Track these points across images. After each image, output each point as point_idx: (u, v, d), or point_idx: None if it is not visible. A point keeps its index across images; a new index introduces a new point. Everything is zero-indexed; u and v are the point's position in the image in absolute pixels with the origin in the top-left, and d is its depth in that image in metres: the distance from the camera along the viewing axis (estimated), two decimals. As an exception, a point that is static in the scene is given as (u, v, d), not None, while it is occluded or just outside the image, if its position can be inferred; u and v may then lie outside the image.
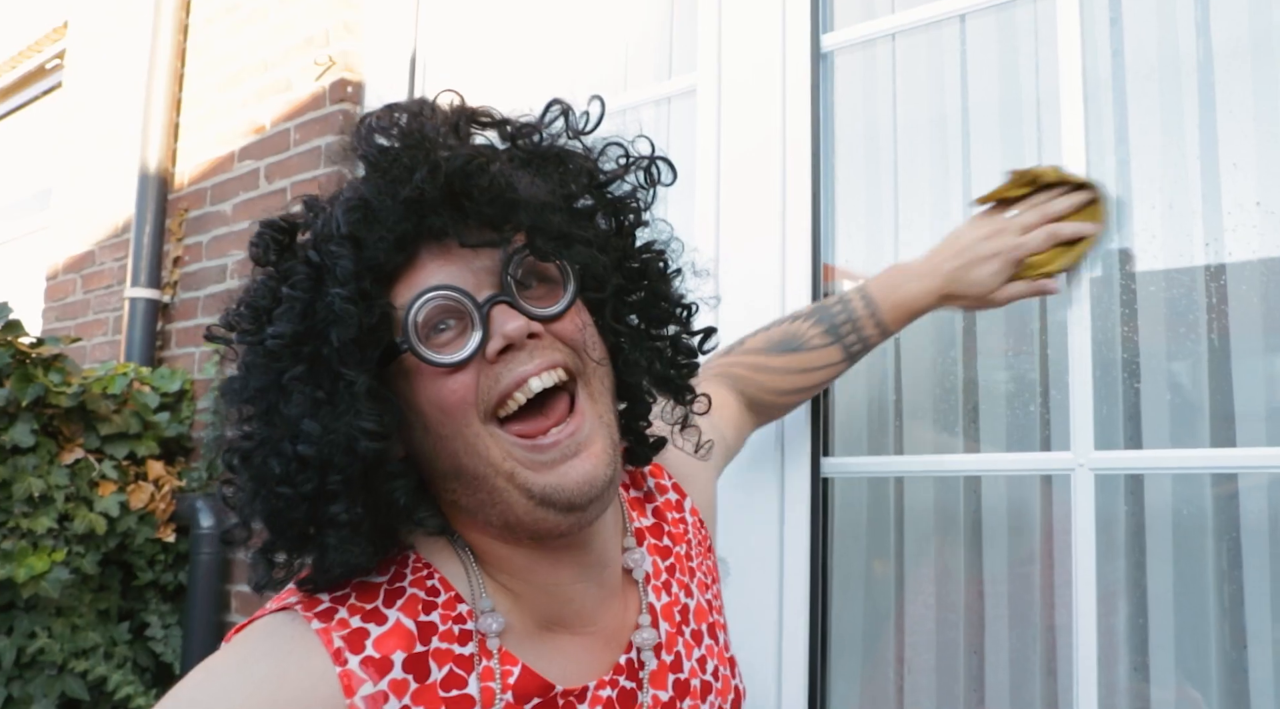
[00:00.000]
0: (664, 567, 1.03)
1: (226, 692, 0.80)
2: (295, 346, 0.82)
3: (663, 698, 0.95)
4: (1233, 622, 1.35)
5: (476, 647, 0.87)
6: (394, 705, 0.81)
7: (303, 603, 0.85)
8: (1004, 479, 1.54)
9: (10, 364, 2.28)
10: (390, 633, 0.84)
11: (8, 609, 2.25)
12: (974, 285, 1.37)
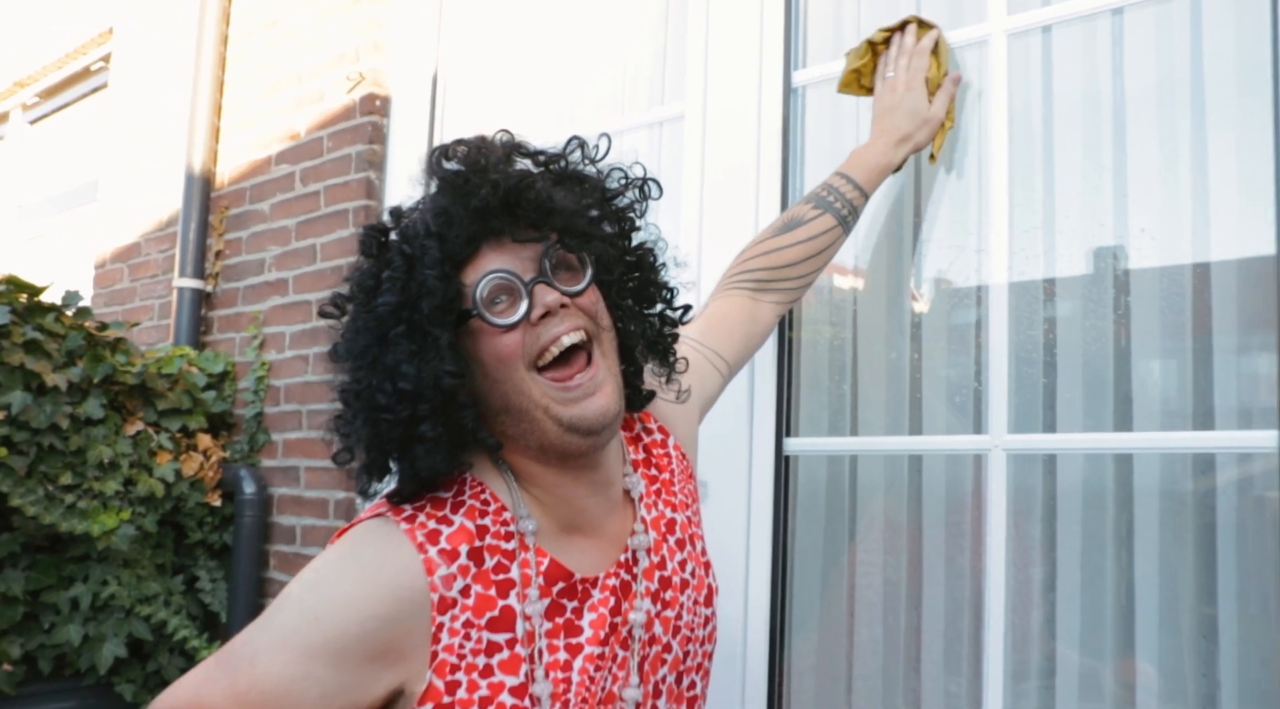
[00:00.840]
0: (652, 490, 1.35)
1: (342, 573, 1.13)
2: (397, 312, 1.14)
3: (651, 588, 1.27)
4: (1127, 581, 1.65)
5: (517, 544, 1.19)
6: (459, 583, 1.13)
7: (391, 511, 1.18)
8: (939, 457, 1.84)
9: (82, 346, 2.58)
10: (456, 532, 1.16)
11: (83, 560, 2.56)
12: (912, 119, 1.77)
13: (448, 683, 1.13)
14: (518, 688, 1.16)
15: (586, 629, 1.22)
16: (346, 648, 1.11)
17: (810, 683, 1.96)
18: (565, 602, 1.22)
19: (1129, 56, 1.69)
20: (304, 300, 2.82)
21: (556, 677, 1.18)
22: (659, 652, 1.29)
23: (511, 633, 1.17)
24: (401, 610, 1.13)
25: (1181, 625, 1.58)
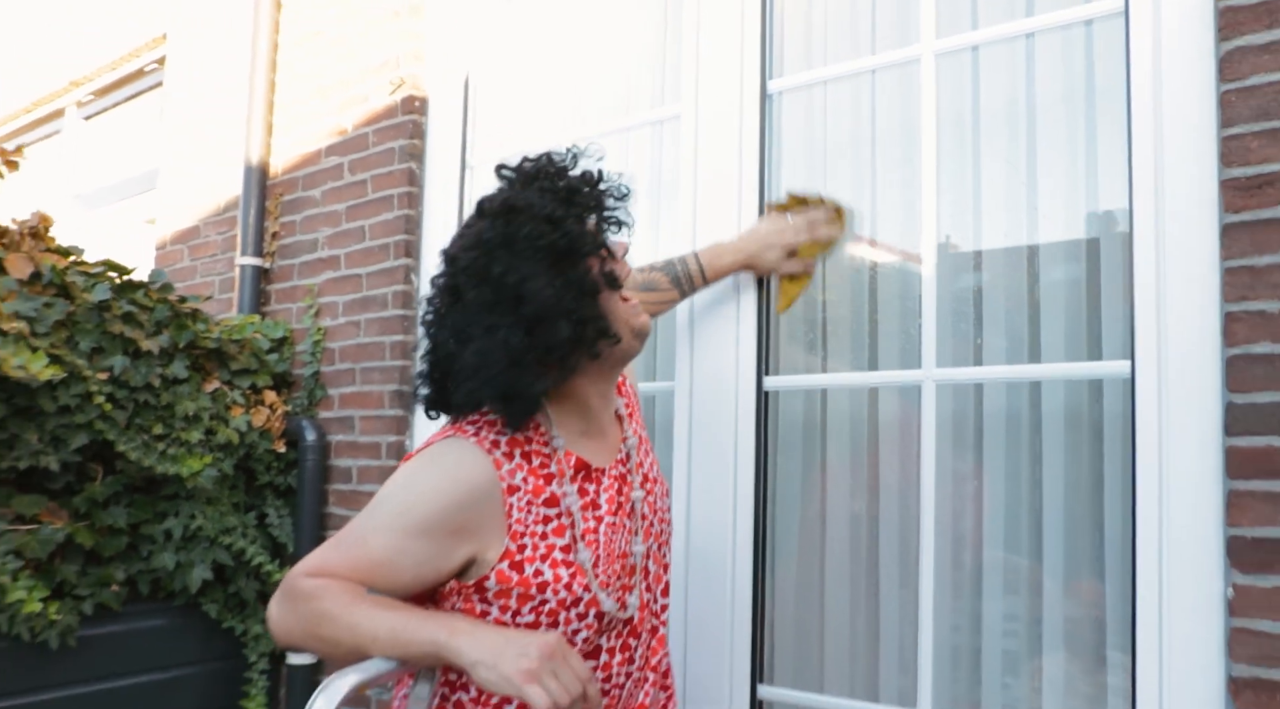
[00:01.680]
0: (626, 413, 1.83)
1: (427, 474, 1.58)
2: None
3: (638, 478, 1.75)
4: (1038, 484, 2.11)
5: (552, 448, 1.64)
6: (520, 476, 1.59)
7: (458, 432, 1.62)
8: (891, 389, 2.29)
9: (168, 316, 3.03)
10: (510, 441, 1.62)
11: (174, 498, 3.02)
12: (764, 263, 2.30)
13: (519, 545, 1.58)
14: (565, 546, 1.61)
15: (603, 505, 1.69)
16: (432, 528, 1.56)
17: (790, 589, 2.42)
18: (587, 486, 1.68)
19: (1039, 73, 2.14)
20: (355, 274, 3.26)
21: (590, 539, 1.64)
22: (647, 525, 1.76)
23: (557, 508, 1.63)
24: (476, 498, 1.57)
25: (1079, 521, 2.03)
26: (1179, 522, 1.79)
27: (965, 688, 2.14)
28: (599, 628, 1.63)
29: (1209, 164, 1.79)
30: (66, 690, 2.85)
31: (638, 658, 1.72)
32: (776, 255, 2.29)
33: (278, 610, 1.60)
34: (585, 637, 1.62)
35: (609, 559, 1.66)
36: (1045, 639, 2.06)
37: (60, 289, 2.83)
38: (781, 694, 2.35)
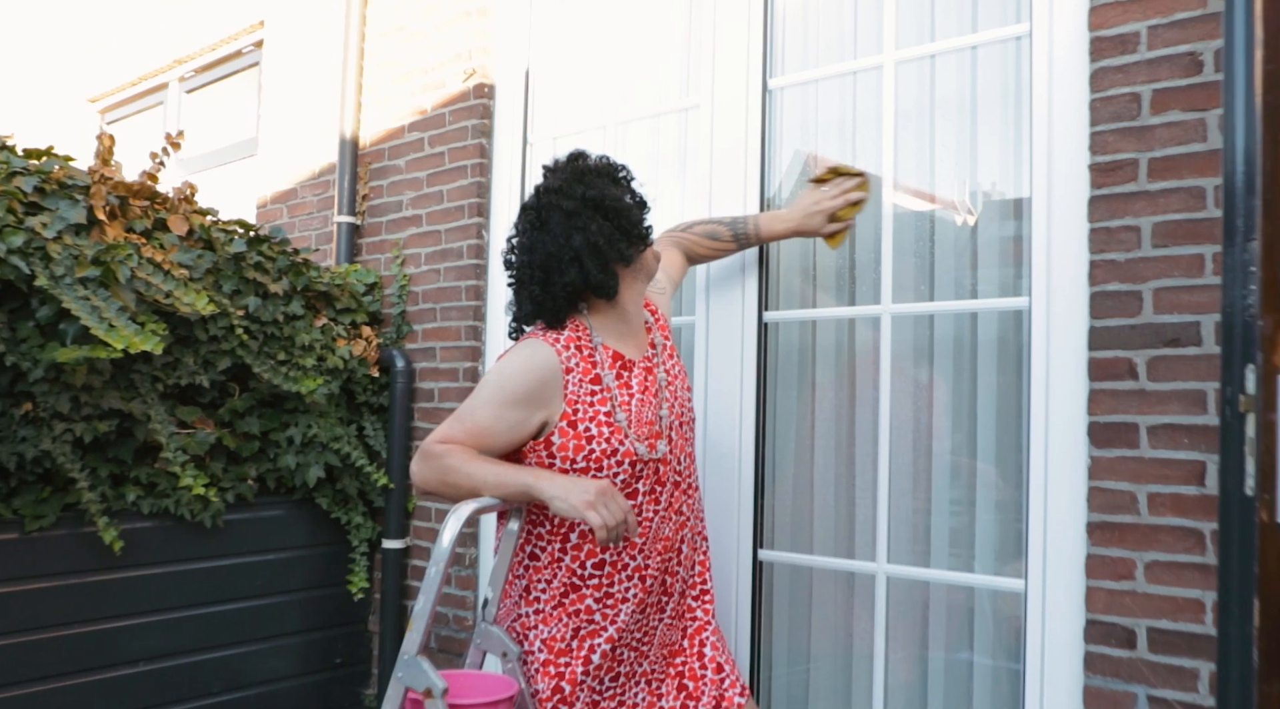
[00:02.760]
0: (656, 325, 2.54)
1: (516, 362, 2.32)
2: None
3: (663, 370, 2.44)
4: (971, 397, 2.79)
5: (594, 345, 2.36)
6: (574, 362, 2.31)
7: (532, 335, 2.35)
8: (865, 320, 2.98)
9: (288, 265, 3.75)
10: (567, 339, 2.34)
11: (294, 411, 3.75)
12: (810, 228, 2.87)
13: (573, 410, 2.30)
14: (607, 413, 2.32)
15: (634, 385, 2.40)
16: (518, 399, 2.29)
17: (784, 475, 3.12)
18: (623, 372, 2.39)
19: (981, 78, 2.80)
20: (434, 230, 3.97)
21: (624, 407, 2.35)
22: (670, 403, 2.46)
23: (600, 385, 2.34)
24: (545, 376, 2.29)
25: (1003, 418, 2.72)
26: (1057, 411, 2.48)
27: (909, 547, 2.85)
28: (632, 473, 2.34)
29: (1082, 152, 2.46)
30: (215, 562, 3.60)
31: (663, 501, 2.43)
32: (819, 221, 2.86)
33: (417, 467, 2.32)
34: (623, 480, 2.33)
35: (639, 422, 2.37)
36: (978, 507, 2.76)
37: (206, 243, 3.55)
38: (777, 556, 3.07)
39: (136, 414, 3.30)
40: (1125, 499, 2.33)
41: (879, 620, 2.84)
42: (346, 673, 4.05)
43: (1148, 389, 2.31)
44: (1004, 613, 2.69)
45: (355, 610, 4.05)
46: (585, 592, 2.37)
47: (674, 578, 2.49)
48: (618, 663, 2.41)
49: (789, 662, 3.09)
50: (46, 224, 3.04)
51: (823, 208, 2.84)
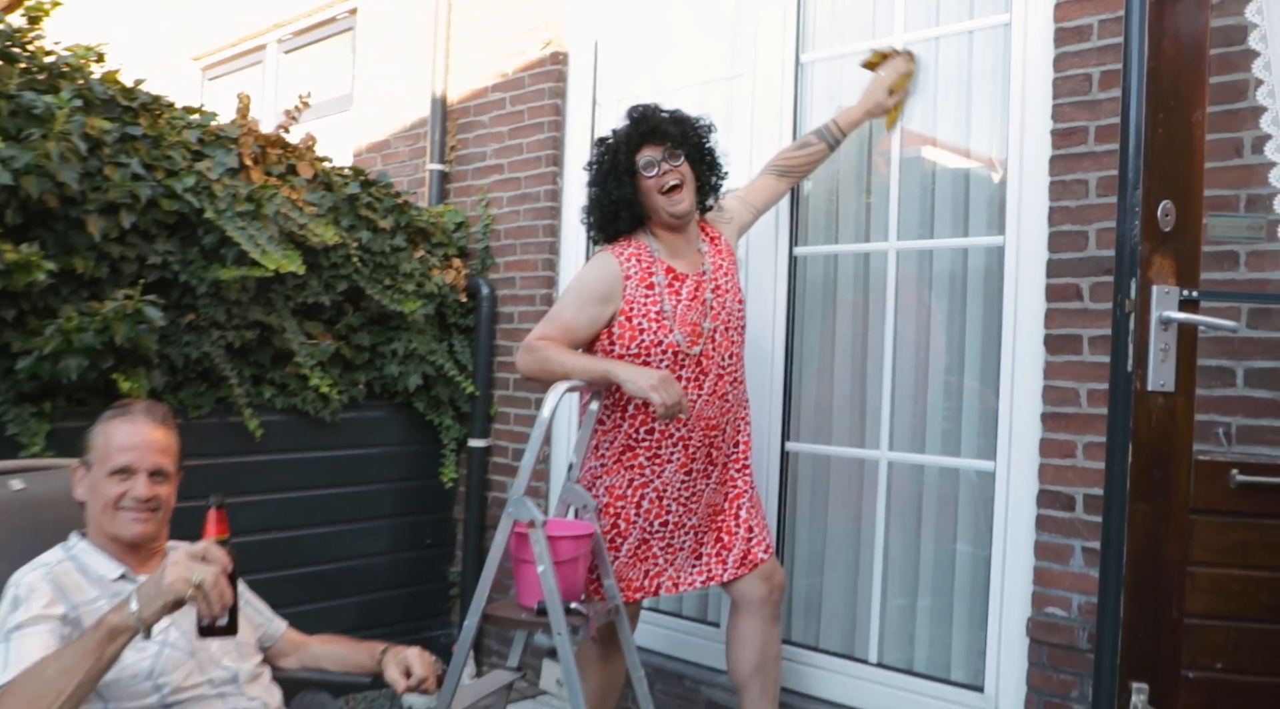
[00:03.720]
0: (713, 249, 3.21)
1: (589, 270, 3.08)
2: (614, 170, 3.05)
3: (710, 285, 3.12)
4: (960, 324, 3.45)
5: (651, 258, 3.06)
6: (630, 269, 3.02)
7: (602, 250, 3.07)
8: (877, 254, 3.64)
9: (393, 205, 4.45)
10: (630, 253, 3.06)
11: (397, 328, 4.45)
12: (878, 106, 3.47)
13: (629, 308, 2.99)
14: (658, 312, 3.01)
15: (684, 294, 3.08)
16: (594, 298, 3.00)
17: (809, 378, 3.80)
18: (674, 282, 3.07)
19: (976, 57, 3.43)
20: (515, 177, 4.65)
21: (673, 309, 3.04)
22: (715, 313, 3.13)
23: (653, 290, 3.02)
24: (611, 279, 3.00)
25: (985, 336, 3.39)
26: (1022, 326, 3.14)
27: (911, 428, 3.53)
28: (675, 362, 3.03)
29: (1046, 120, 3.10)
30: (331, 452, 4.33)
31: (706, 388, 3.11)
32: (882, 97, 3.43)
33: (522, 358, 3.03)
34: (667, 365, 3.02)
35: (683, 322, 3.05)
36: (964, 405, 3.43)
37: (327, 185, 4.26)
38: (802, 447, 3.77)
39: (274, 326, 4.01)
40: (1070, 394, 2.99)
41: (881, 498, 3.54)
42: (434, 553, 4.79)
43: (1090, 308, 2.96)
44: (980, 492, 3.37)
45: (443, 500, 4.78)
46: (638, 452, 3.09)
47: (718, 451, 3.19)
48: (665, 512, 3.12)
49: (809, 536, 3.79)
50: (209, 168, 3.74)
51: (884, 86, 3.46)
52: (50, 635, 1.99)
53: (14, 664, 1.92)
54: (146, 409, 2.33)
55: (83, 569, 2.18)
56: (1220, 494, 2.28)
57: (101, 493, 2.22)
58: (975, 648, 3.32)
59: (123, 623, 1.85)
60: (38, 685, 1.84)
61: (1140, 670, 2.26)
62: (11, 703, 1.84)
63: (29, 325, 3.34)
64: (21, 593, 2.05)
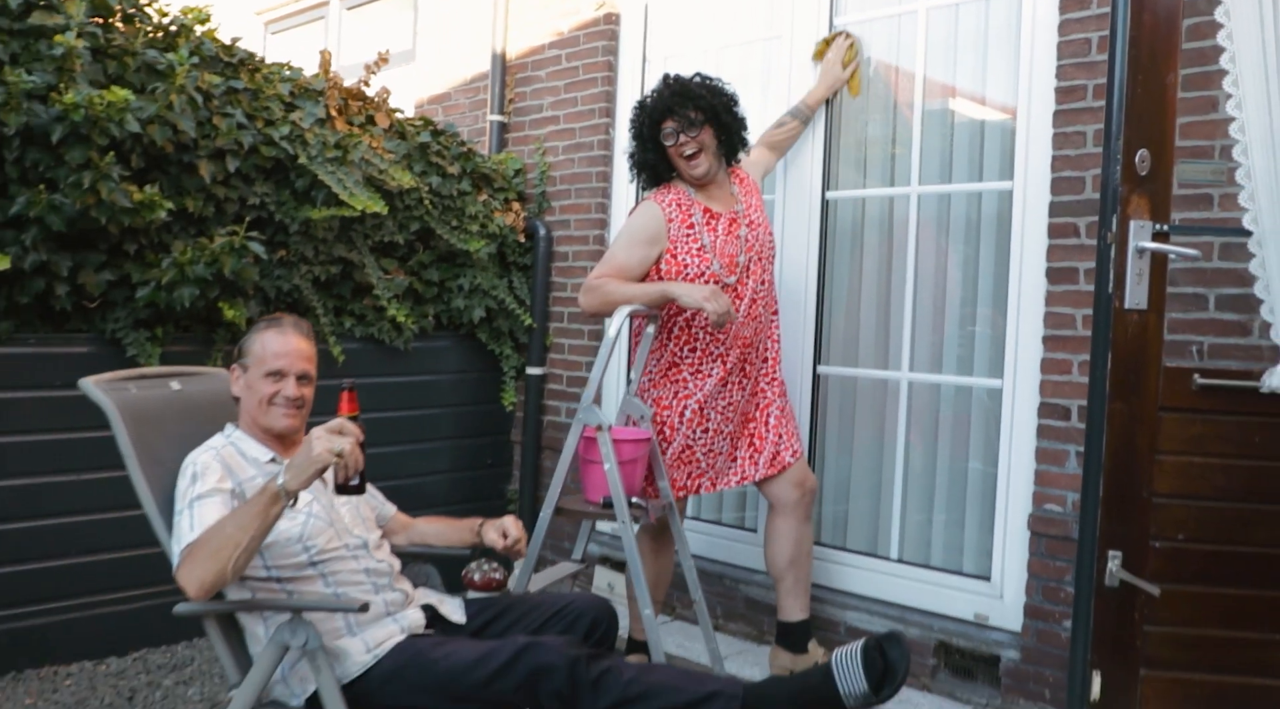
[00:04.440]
0: (743, 190, 3.67)
1: (638, 215, 3.55)
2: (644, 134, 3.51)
3: (745, 222, 3.57)
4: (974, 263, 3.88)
5: (690, 201, 3.53)
6: (672, 212, 3.49)
7: (647, 198, 3.53)
8: (900, 198, 4.06)
9: (459, 153, 4.89)
10: (671, 198, 3.53)
11: (463, 265, 4.91)
12: (835, 81, 4.03)
13: (673, 245, 3.46)
14: (699, 247, 3.46)
15: (720, 231, 3.53)
16: (642, 240, 3.46)
17: (838, 308, 4.24)
18: (711, 221, 3.53)
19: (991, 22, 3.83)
20: (570, 128, 5.07)
21: (711, 244, 3.48)
22: (749, 246, 3.58)
23: (693, 229, 3.47)
24: (656, 222, 3.46)
25: (997, 269, 3.81)
26: (1028, 260, 3.57)
27: (929, 351, 3.97)
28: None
29: (1050, 79, 3.50)
30: (402, 378, 4.80)
31: (742, 311, 3.55)
32: (838, 72, 4.04)
33: (584, 298, 3.50)
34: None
35: (721, 255, 3.50)
36: (977, 329, 3.87)
37: (401, 134, 4.70)
38: (832, 369, 4.22)
39: (355, 262, 4.47)
40: (1068, 319, 3.42)
41: (902, 414, 3.99)
42: (493, 472, 5.27)
43: (1086, 244, 3.38)
44: (990, 410, 3.81)
45: (503, 423, 5.26)
46: (682, 368, 3.56)
47: (751, 367, 3.65)
48: (705, 420, 3.58)
49: (838, 449, 4.25)
50: (301, 118, 4.19)
51: (831, 62, 4.06)
52: (224, 505, 2.45)
53: (198, 527, 2.38)
54: (294, 323, 2.77)
55: (241, 453, 2.64)
56: (1184, 395, 2.72)
57: (257, 391, 2.67)
58: (983, 546, 3.78)
59: (277, 489, 2.31)
60: (220, 539, 2.31)
61: (1116, 541, 2.71)
62: (201, 553, 2.32)
63: (146, 259, 3.80)
64: (198, 470, 2.51)
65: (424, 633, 2.61)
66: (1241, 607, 2.74)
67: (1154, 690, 2.77)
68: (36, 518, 3.72)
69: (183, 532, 2.40)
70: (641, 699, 2.27)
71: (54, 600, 3.78)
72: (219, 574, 2.29)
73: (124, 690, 3.63)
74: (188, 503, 2.45)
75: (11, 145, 3.38)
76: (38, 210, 3.40)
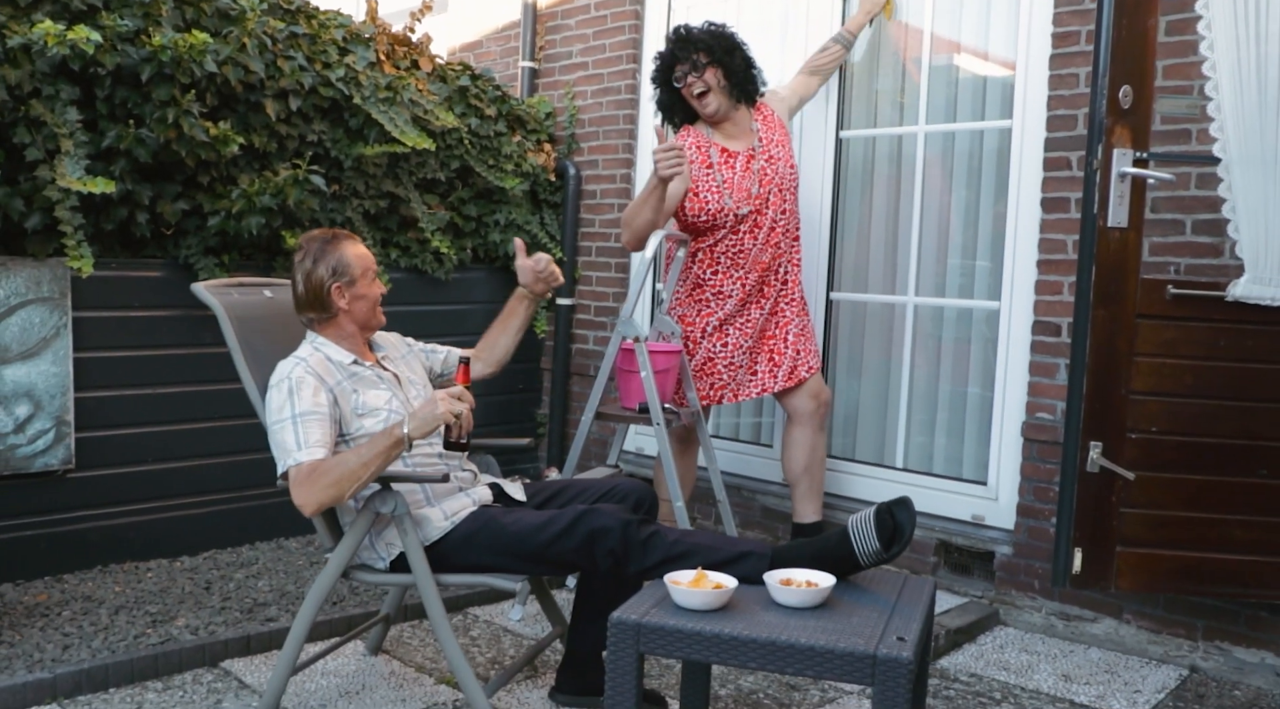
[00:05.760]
0: (760, 127, 4.02)
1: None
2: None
3: (762, 157, 3.93)
4: (975, 209, 4.22)
5: (709, 142, 3.92)
6: (692, 155, 3.86)
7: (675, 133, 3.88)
8: (908, 136, 4.40)
9: (496, 96, 5.22)
10: (691, 142, 3.94)
11: (499, 201, 5.26)
12: (875, 4, 4.32)
13: (696, 182, 3.83)
14: (718, 184, 3.82)
15: (738, 167, 3.90)
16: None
17: (849, 238, 4.59)
18: (728, 159, 3.90)
19: None
20: (598, 73, 5.41)
21: (726, 178, 3.84)
22: (766, 179, 3.94)
23: (713, 167, 3.84)
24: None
25: (996, 202, 4.16)
26: (1025, 190, 3.93)
27: (933, 277, 4.33)
28: (735, 220, 3.87)
29: (1048, 25, 3.83)
30: (443, 306, 5.16)
31: (760, 238, 3.92)
32: (874, 3, 4.34)
33: (624, 236, 3.84)
34: (730, 224, 3.87)
35: (738, 189, 3.87)
36: (977, 256, 4.22)
37: (442, 78, 5.04)
38: (842, 295, 4.58)
39: (401, 196, 4.82)
40: (1060, 244, 3.78)
41: (908, 336, 4.36)
42: (524, 397, 5.65)
43: (1077, 176, 3.73)
44: (987, 333, 4.17)
45: (533, 352, 5.63)
46: (705, 288, 3.96)
47: (770, 288, 4.02)
48: (725, 336, 3.97)
49: (848, 367, 4.62)
50: (355, 62, 4.53)
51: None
52: (329, 423, 2.77)
53: (304, 444, 2.70)
54: (349, 235, 3.08)
55: (328, 358, 2.97)
56: (1159, 303, 3.08)
57: (370, 296, 2.98)
58: (980, 459, 4.15)
59: (402, 436, 2.66)
60: (342, 470, 2.65)
61: (1097, 433, 3.09)
62: (324, 480, 2.65)
63: (217, 191, 4.16)
64: (294, 384, 2.80)
65: (492, 506, 2.98)
66: (1205, 491, 3.12)
67: (1128, 565, 3.16)
68: (115, 428, 4.11)
69: (289, 445, 2.71)
70: (684, 557, 2.63)
71: (132, 503, 4.18)
72: (336, 500, 2.67)
73: (200, 582, 4.00)
74: (290, 417, 2.74)
75: (104, 84, 3.73)
76: (126, 143, 3.76)
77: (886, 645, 2.07)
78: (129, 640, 3.35)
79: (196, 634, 3.43)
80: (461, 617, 3.86)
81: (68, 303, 3.84)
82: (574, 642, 3.01)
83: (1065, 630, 3.76)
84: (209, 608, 3.69)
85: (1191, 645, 3.51)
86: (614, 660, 2.19)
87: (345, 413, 2.83)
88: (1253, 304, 3.02)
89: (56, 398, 3.84)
